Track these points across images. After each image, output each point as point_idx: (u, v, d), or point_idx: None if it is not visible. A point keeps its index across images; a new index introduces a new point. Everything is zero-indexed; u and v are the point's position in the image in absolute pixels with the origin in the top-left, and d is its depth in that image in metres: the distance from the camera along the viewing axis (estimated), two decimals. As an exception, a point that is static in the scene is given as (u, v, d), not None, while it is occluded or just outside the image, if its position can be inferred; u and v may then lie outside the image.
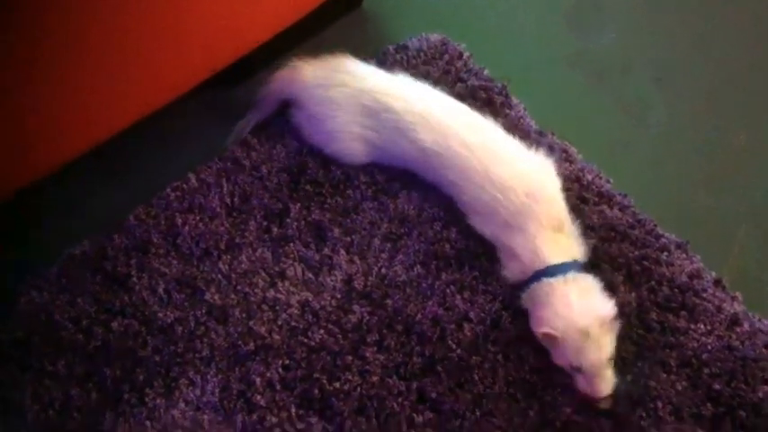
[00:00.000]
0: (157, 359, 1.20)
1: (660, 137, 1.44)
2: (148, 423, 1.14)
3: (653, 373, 1.15)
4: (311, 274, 1.26)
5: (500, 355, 1.17)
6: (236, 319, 1.22)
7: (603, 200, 1.32)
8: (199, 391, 1.16)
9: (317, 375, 1.16)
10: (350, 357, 1.18)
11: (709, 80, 1.52)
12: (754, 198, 1.37)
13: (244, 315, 1.22)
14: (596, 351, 1.06)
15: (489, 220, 1.21)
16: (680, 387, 1.14)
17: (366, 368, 1.17)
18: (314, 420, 1.13)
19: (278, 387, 1.16)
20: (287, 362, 1.18)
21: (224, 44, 1.35)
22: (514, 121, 1.40)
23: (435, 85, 1.33)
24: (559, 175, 1.25)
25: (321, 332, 1.20)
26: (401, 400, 1.14)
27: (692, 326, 1.18)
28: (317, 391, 1.15)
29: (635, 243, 1.27)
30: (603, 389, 1.08)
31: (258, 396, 1.15)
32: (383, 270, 1.26)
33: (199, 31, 1.27)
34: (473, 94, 1.43)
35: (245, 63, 1.40)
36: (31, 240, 1.35)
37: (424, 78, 1.35)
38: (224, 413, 1.14)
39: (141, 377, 1.18)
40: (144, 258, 1.29)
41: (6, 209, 1.27)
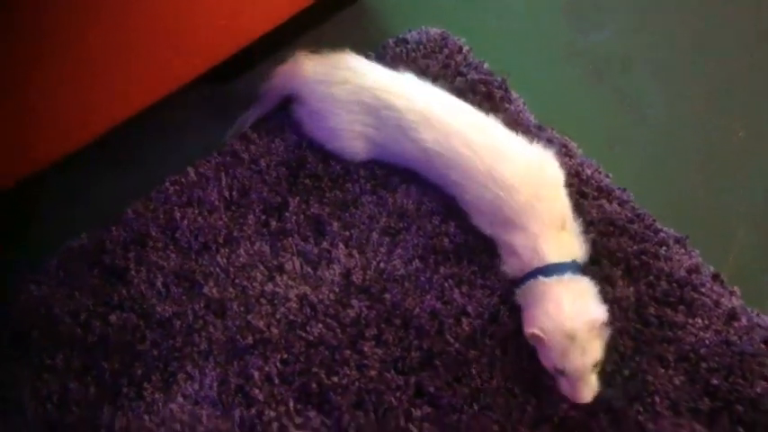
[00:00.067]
0: (156, 353, 1.20)
1: (659, 132, 1.44)
2: (147, 417, 1.14)
3: (650, 368, 1.15)
4: (310, 268, 1.26)
5: (498, 350, 1.17)
6: (234, 313, 1.22)
7: (603, 194, 1.32)
8: (197, 385, 1.17)
9: (315, 369, 1.16)
10: (348, 351, 1.18)
11: (707, 76, 1.51)
12: (752, 194, 1.36)
13: (242, 309, 1.22)
14: (581, 356, 1.04)
15: (492, 218, 1.21)
16: (677, 382, 1.14)
17: (364, 362, 1.17)
18: (312, 414, 1.13)
19: (276, 381, 1.16)
20: (285, 356, 1.18)
21: (224, 35, 1.34)
22: (514, 116, 1.40)
23: (435, 78, 1.33)
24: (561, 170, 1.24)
25: (319, 326, 1.20)
26: (399, 394, 1.14)
27: (689, 320, 1.18)
28: (315, 386, 1.15)
29: (634, 237, 1.27)
30: (585, 395, 1.05)
31: (256, 390, 1.15)
32: (382, 264, 1.26)
33: (199, 19, 1.27)
34: (473, 88, 1.43)
35: (244, 56, 1.40)
36: (31, 232, 1.35)
37: (423, 72, 1.35)
38: (222, 407, 1.15)
39: (139, 371, 1.18)
40: (142, 252, 1.29)
41: (5, 201, 1.27)
